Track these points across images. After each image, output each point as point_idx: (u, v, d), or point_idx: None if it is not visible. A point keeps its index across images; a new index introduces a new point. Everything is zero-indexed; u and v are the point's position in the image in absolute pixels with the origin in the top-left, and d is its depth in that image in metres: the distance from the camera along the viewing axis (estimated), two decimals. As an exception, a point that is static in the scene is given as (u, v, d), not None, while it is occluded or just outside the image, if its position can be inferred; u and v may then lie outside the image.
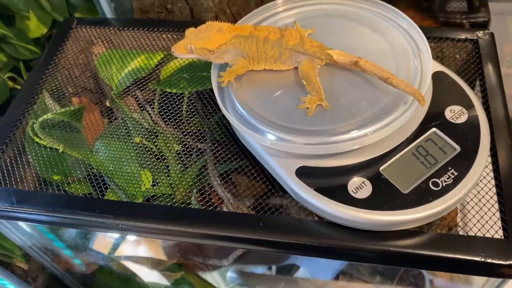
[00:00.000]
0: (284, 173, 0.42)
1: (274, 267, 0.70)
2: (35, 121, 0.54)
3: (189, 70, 0.57)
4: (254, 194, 0.52)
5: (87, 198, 0.49)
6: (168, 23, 0.63)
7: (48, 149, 0.55)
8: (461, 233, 0.44)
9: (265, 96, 0.45)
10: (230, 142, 0.51)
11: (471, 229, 0.41)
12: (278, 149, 0.42)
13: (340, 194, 0.40)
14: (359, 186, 0.40)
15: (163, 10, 0.73)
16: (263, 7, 0.51)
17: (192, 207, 0.51)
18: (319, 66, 0.46)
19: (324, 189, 0.40)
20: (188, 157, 0.54)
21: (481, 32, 0.54)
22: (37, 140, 0.54)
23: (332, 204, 0.40)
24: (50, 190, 0.51)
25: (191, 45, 0.44)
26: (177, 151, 0.56)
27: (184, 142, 0.56)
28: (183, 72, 0.57)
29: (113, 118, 0.61)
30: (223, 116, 0.56)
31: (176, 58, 0.59)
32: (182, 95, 0.57)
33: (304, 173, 0.41)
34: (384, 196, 0.40)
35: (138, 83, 0.59)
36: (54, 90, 0.59)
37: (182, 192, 0.54)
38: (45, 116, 0.54)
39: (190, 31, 0.46)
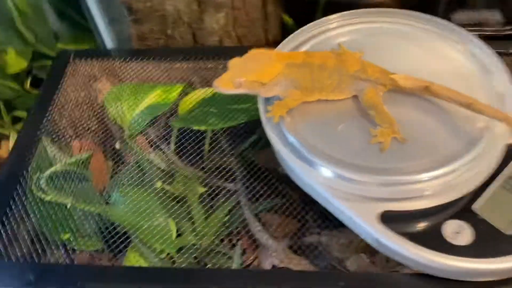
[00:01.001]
0: (364, 220, 0.36)
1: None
2: (41, 175, 0.45)
3: (215, 103, 0.50)
4: (291, 234, 0.46)
5: (128, 267, 0.42)
6: (172, 52, 0.57)
7: (55, 205, 0.46)
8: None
9: (326, 132, 0.39)
10: (262, 180, 0.47)
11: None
12: (352, 193, 0.36)
13: (436, 241, 0.35)
14: (456, 231, 0.35)
15: (162, 36, 0.66)
16: (312, 24, 0.45)
17: (235, 263, 0.45)
18: (381, 93, 0.41)
19: (415, 235, 0.35)
20: (210, 201, 0.49)
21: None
22: (42, 196, 0.46)
23: (428, 254, 0.34)
24: (62, 251, 0.44)
25: (241, 79, 0.38)
26: (201, 194, 0.50)
27: (207, 183, 0.49)
28: (208, 106, 0.50)
29: (120, 161, 0.54)
30: (253, 152, 0.50)
31: (196, 91, 0.52)
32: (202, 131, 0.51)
33: (388, 219, 0.36)
34: (486, 240, 0.35)
35: (153, 120, 0.52)
36: (54, 137, 0.51)
37: (210, 240, 0.48)
38: (52, 169, 0.46)
39: (234, 63, 0.39)
